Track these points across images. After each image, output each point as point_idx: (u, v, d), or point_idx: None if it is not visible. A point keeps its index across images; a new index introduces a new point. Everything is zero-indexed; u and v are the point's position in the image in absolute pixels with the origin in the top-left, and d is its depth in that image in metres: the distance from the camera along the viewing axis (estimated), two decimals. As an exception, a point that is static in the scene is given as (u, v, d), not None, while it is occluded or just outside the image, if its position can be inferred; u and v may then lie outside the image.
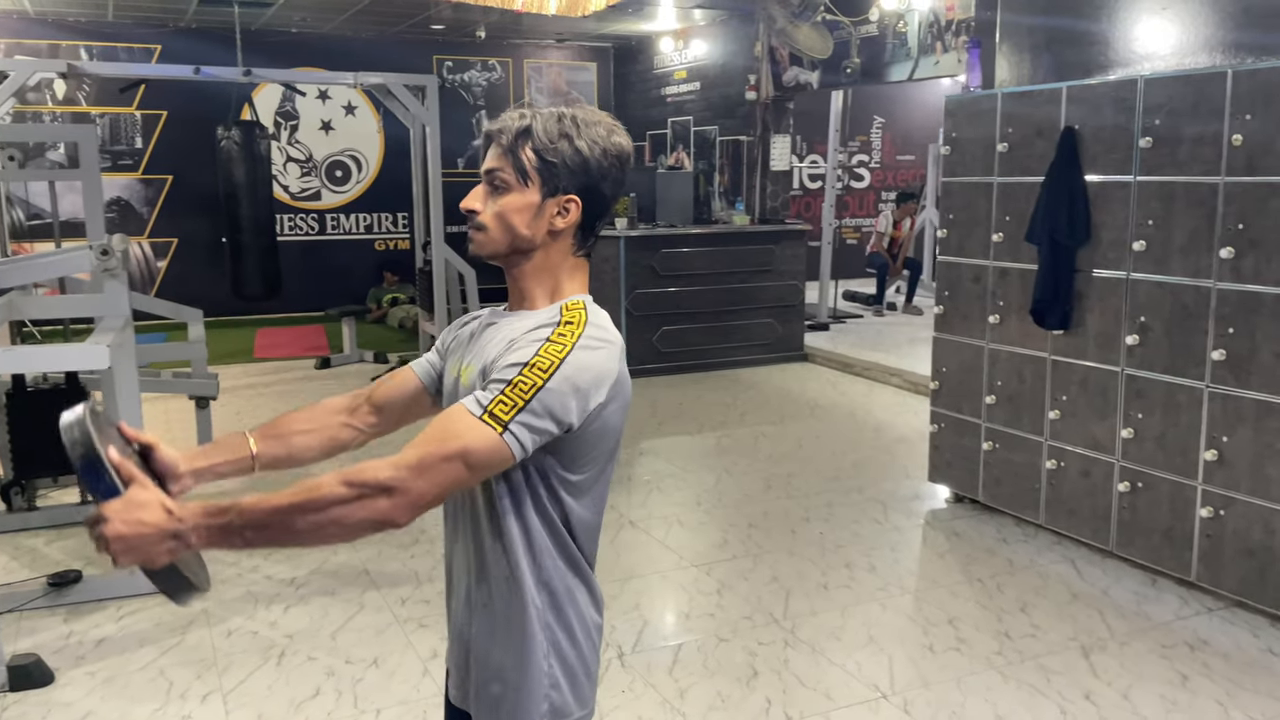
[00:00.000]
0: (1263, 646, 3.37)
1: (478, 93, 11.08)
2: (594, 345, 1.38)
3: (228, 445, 1.57)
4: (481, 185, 1.47)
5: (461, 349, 1.56)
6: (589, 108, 1.49)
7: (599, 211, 1.48)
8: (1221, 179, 3.50)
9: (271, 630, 3.56)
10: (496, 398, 1.31)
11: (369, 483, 1.26)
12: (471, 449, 1.30)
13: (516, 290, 1.50)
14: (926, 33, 6.81)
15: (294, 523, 1.27)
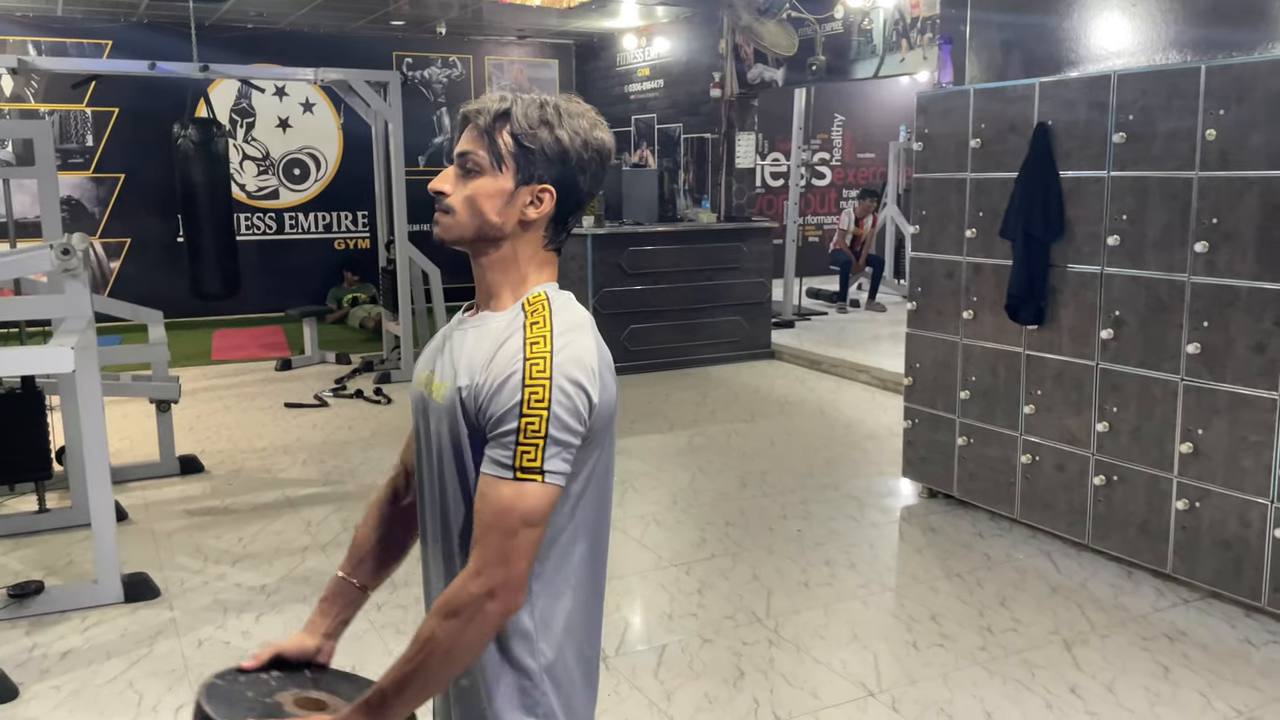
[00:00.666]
0: (1240, 637, 3.41)
1: (438, 89, 10.95)
2: (568, 338, 1.34)
3: (337, 595, 1.63)
4: (453, 168, 1.42)
5: (429, 358, 1.50)
6: (574, 98, 1.43)
7: (573, 205, 1.42)
8: (1195, 174, 3.53)
9: (244, 640, 3.46)
10: (517, 452, 1.29)
11: (468, 604, 1.30)
12: (528, 511, 1.30)
13: (483, 285, 1.45)
14: (892, 30, 6.84)
15: (435, 674, 1.33)
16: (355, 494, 5.01)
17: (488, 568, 1.30)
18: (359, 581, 1.63)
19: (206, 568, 4.08)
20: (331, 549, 4.27)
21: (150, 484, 5.12)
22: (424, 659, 1.31)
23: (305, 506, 4.82)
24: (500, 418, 1.31)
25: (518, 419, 1.29)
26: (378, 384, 7.40)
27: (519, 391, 1.30)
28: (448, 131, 11.01)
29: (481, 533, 1.31)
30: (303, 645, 1.56)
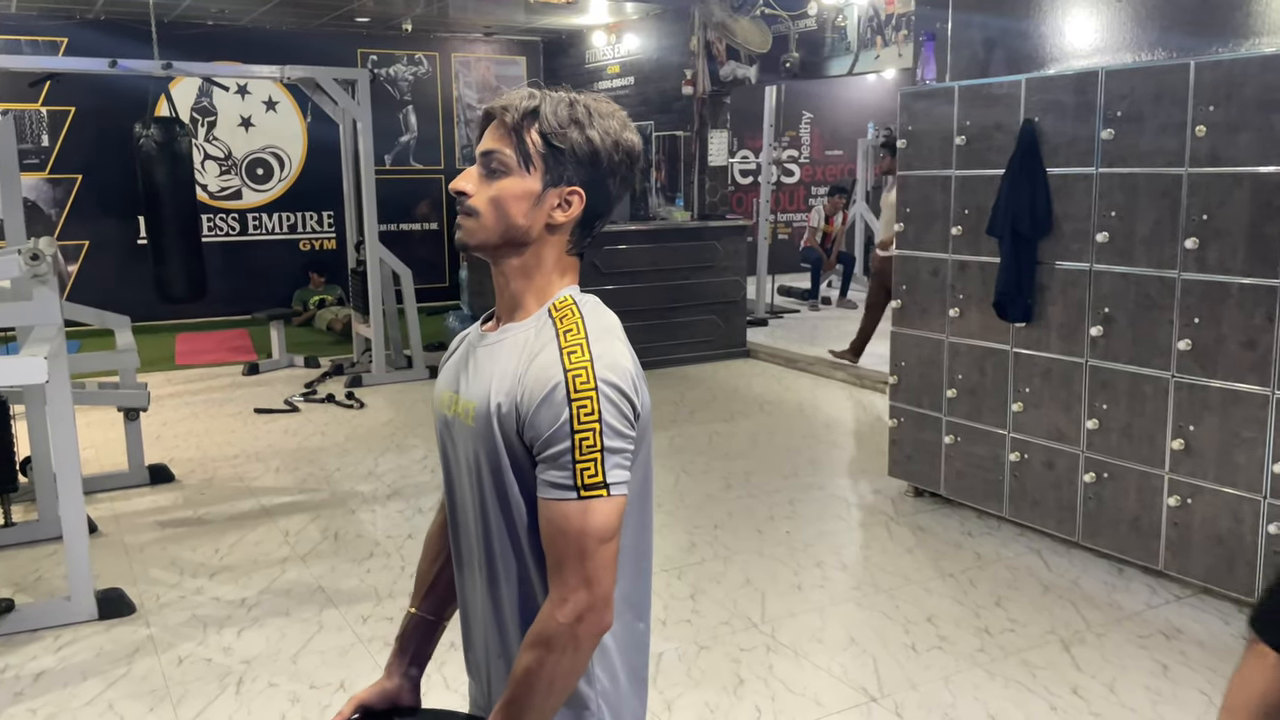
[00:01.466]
0: (1235, 633, 3.41)
1: (404, 87, 10.80)
2: (604, 344, 1.29)
3: (412, 632, 1.59)
4: (475, 167, 1.34)
5: (451, 377, 1.43)
6: (601, 97, 1.37)
7: (602, 209, 1.36)
8: (1185, 170, 3.53)
9: (226, 656, 3.35)
10: (576, 470, 1.24)
11: (558, 633, 1.25)
12: (601, 528, 1.24)
13: (505, 294, 1.38)
14: (866, 27, 6.82)
15: (539, 708, 1.28)
16: (332, 501, 4.89)
17: (572, 594, 1.24)
18: (430, 614, 1.58)
19: (183, 581, 3.96)
20: (312, 559, 4.16)
21: (119, 495, 4.97)
22: (526, 695, 1.27)
23: (282, 516, 4.70)
24: (550, 436, 1.25)
25: (570, 436, 1.23)
26: (349, 388, 7.27)
27: (566, 407, 1.24)
28: (414, 130, 10.87)
29: (557, 560, 1.26)
30: (384, 690, 1.53)
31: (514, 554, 1.35)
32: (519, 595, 1.36)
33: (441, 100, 10.94)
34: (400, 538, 4.39)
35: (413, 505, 4.82)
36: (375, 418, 6.55)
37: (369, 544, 4.33)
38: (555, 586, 1.26)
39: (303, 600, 3.78)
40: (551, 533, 1.26)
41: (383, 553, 4.23)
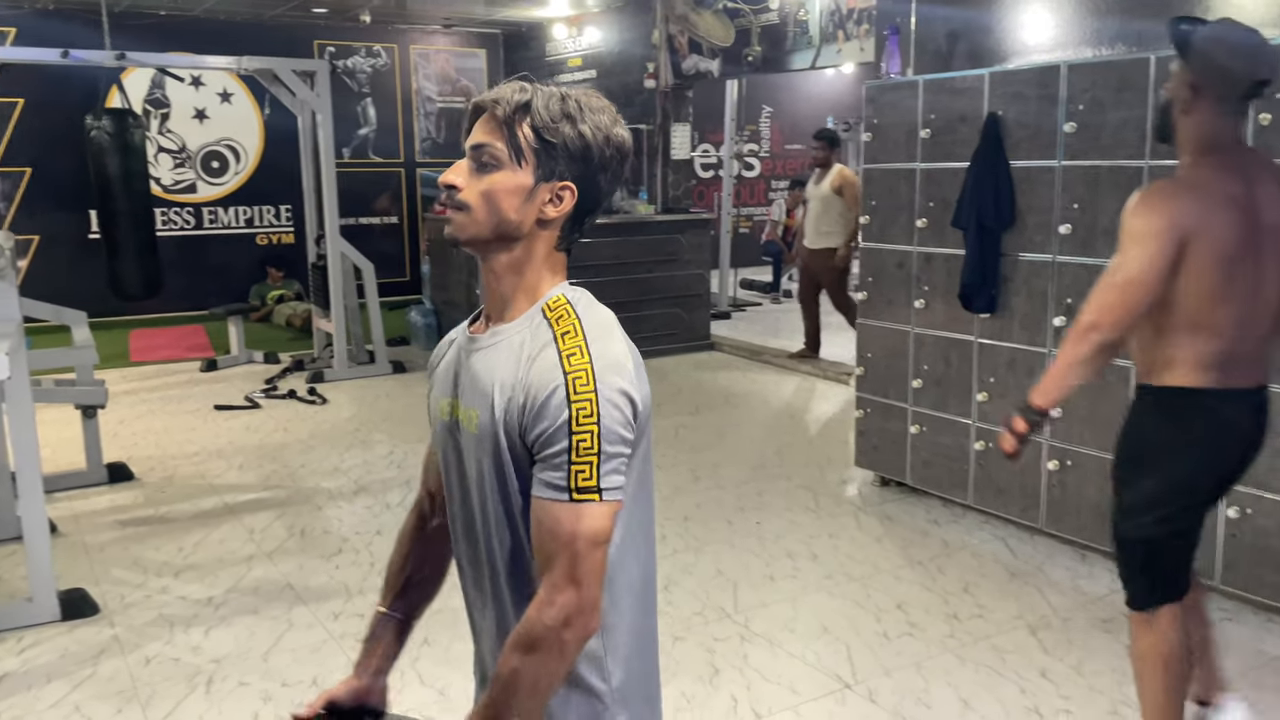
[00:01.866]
0: (1195, 614, 3.49)
1: (362, 79, 10.67)
2: (603, 344, 1.28)
3: (381, 631, 1.58)
4: (464, 161, 1.33)
5: (445, 383, 1.42)
6: (592, 92, 1.36)
7: (592, 205, 1.35)
8: (1146, 163, 3.60)
9: (194, 655, 3.30)
10: (571, 472, 1.23)
11: (544, 635, 1.25)
12: (592, 532, 1.24)
13: (495, 293, 1.37)
14: (828, 21, 6.86)
15: (523, 710, 1.27)
16: (298, 498, 4.83)
17: (559, 595, 1.24)
18: (401, 614, 1.57)
19: (147, 581, 3.89)
20: (278, 556, 4.11)
21: (77, 494, 4.87)
22: (507, 697, 1.26)
23: (246, 513, 4.64)
24: (549, 437, 1.24)
25: (568, 437, 1.23)
26: (311, 384, 7.18)
27: (565, 409, 1.23)
28: (373, 123, 10.75)
29: (546, 560, 1.25)
30: (354, 688, 1.51)
31: (520, 563, 1.34)
32: (525, 601, 1.33)
33: (400, 93, 10.83)
34: (368, 534, 4.35)
35: (380, 501, 4.78)
36: (338, 413, 6.49)
37: (336, 540, 4.29)
38: (543, 588, 1.25)
39: (271, 598, 3.74)
40: (542, 533, 1.26)
41: (351, 549, 4.19)
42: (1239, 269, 2.27)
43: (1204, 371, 2.31)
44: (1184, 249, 2.24)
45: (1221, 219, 2.26)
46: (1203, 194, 2.29)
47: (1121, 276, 2.31)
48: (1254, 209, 2.29)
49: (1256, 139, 3.60)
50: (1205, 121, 2.33)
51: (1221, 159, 2.33)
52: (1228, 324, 2.28)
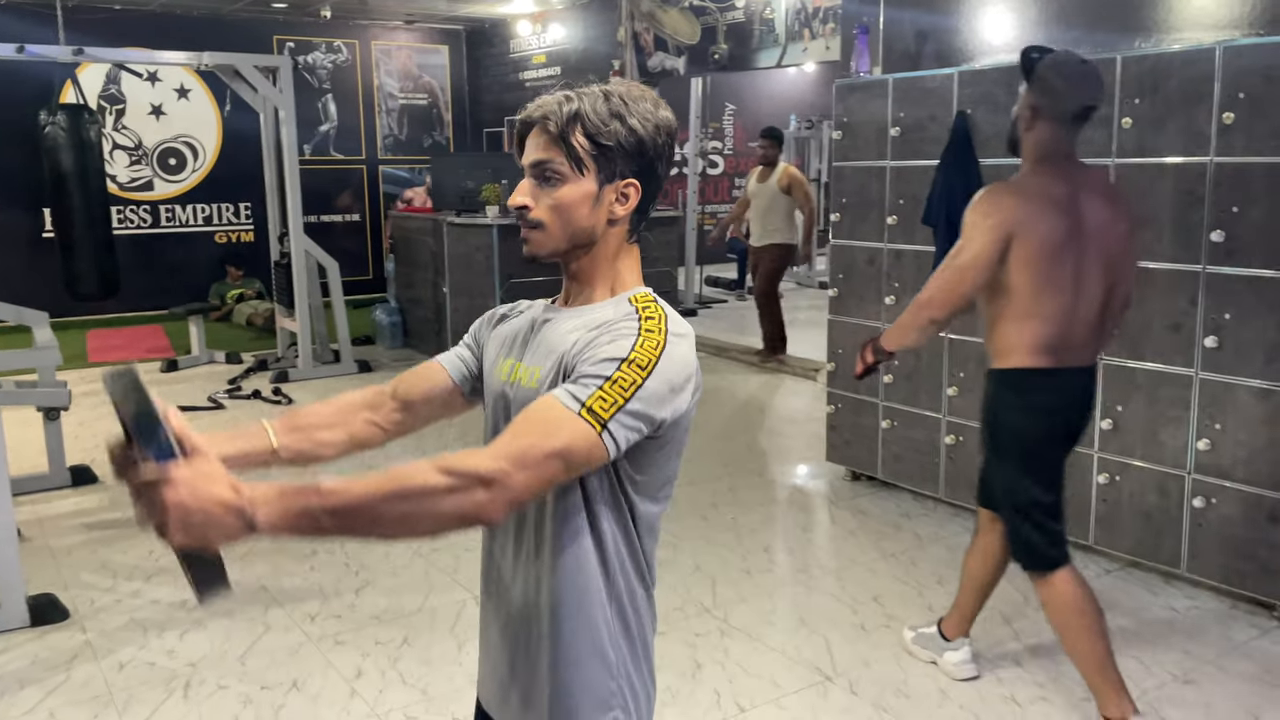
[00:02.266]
0: (1163, 604, 3.58)
1: (323, 75, 10.56)
2: (681, 338, 1.30)
3: (249, 435, 1.42)
4: (527, 180, 1.36)
5: (510, 346, 1.44)
6: (628, 82, 1.39)
7: (655, 192, 1.39)
8: (1112, 160, 3.67)
9: (170, 659, 3.25)
10: (595, 393, 1.21)
11: (468, 473, 1.15)
12: (572, 447, 1.20)
13: (575, 284, 1.40)
14: (794, 19, 6.91)
15: (383, 511, 1.15)
16: (268, 499, 4.77)
17: (506, 460, 1.17)
18: (277, 446, 1.42)
19: (117, 585, 3.83)
20: (252, 558, 4.06)
21: (40, 497, 4.78)
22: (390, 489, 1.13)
23: (216, 515, 4.57)
24: (596, 362, 1.24)
25: (615, 368, 1.23)
26: (276, 383, 7.10)
27: (629, 349, 1.24)
28: (334, 119, 10.64)
29: (520, 432, 1.20)
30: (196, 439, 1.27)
31: (566, 523, 1.33)
32: (565, 567, 1.34)
33: (362, 89, 10.74)
34: (342, 534, 4.31)
35: (352, 501, 4.73)
36: (305, 413, 6.41)
37: (309, 542, 4.25)
38: (497, 443, 1.20)
39: (245, 601, 3.69)
40: (531, 411, 1.23)
41: (325, 551, 4.15)
42: (1062, 264, 2.58)
43: (1038, 354, 2.63)
44: (1009, 243, 2.57)
45: (1045, 220, 2.58)
46: (1030, 197, 2.62)
47: (955, 262, 2.65)
48: (1078, 213, 2.61)
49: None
50: (1042, 137, 2.68)
51: (1053, 169, 2.66)
52: (1055, 313, 2.60)
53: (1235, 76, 3.29)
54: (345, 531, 1.16)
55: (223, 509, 1.08)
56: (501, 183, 7.46)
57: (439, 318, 7.81)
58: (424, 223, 7.99)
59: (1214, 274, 3.42)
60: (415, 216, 8.27)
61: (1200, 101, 3.39)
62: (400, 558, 4.08)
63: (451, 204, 7.77)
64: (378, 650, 3.31)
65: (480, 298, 7.45)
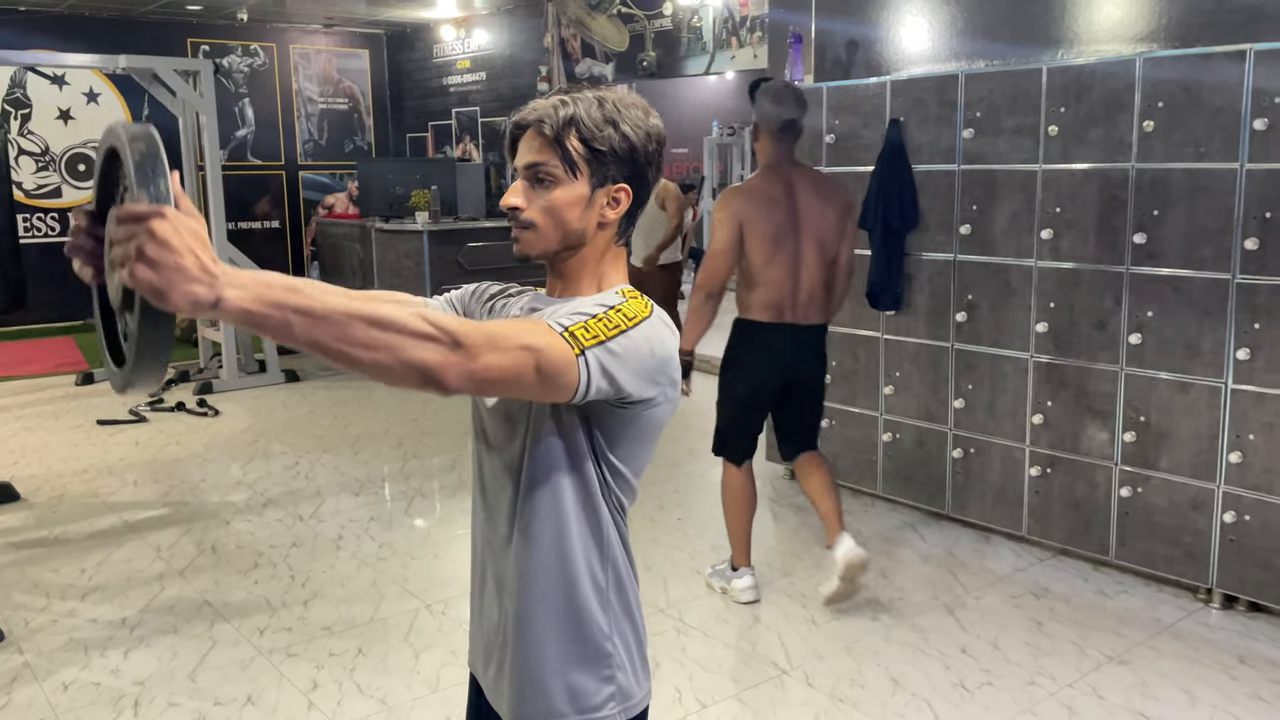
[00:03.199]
0: (1094, 589, 3.74)
1: (239, 79, 10.32)
2: (668, 328, 1.35)
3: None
4: (520, 181, 1.38)
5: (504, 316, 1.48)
6: (618, 90, 1.43)
7: (644, 198, 1.43)
8: (1040, 167, 3.84)
9: (115, 678, 3.16)
10: (578, 323, 1.25)
11: (444, 328, 1.14)
12: (548, 353, 1.20)
13: (562, 281, 1.43)
14: (722, 28, 7.02)
15: (353, 329, 1.09)
16: (203, 513, 4.67)
17: (481, 334, 1.17)
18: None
19: (51, 604, 3.70)
20: (191, 574, 3.97)
21: (-41, 517, 4.59)
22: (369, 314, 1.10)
23: (149, 531, 4.45)
24: (580, 309, 1.29)
25: (598, 309, 1.28)
26: (200, 395, 6.92)
27: (615, 301, 1.31)
28: (251, 124, 10.41)
29: (499, 324, 1.23)
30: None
31: (551, 501, 1.37)
32: (552, 555, 1.38)
33: (280, 93, 10.53)
34: (284, 547, 4.25)
35: (291, 513, 4.66)
36: (233, 425, 6.28)
37: (251, 555, 4.17)
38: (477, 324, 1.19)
39: (188, 616, 3.61)
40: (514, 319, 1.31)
41: (268, 563, 4.08)
42: (780, 246, 3.40)
43: (763, 311, 3.47)
44: (741, 231, 3.37)
45: (765, 213, 3.39)
46: (753, 196, 3.43)
47: (711, 250, 3.45)
48: (794, 206, 3.42)
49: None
50: (765, 148, 3.48)
51: (774, 173, 3.45)
52: (776, 281, 3.43)
53: (1154, 87, 3.48)
54: (307, 337, 1.09)
55: (199, 267, 1.02)
56: (431, 188, 7.41)
57: (368, 325, 7.70)
58: (350, 229, 7.88)
59: (1137, 274, 3.60)
60: (341, 223, 8.15)
61: (1122, 110, 3.57)
62: (346, 568, 4.03)
63: (379, 210, 7.68)
64: (332, 662, 3.27)
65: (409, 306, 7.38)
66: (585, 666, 1.41)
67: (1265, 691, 3.00)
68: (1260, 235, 3.26)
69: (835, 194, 3.52)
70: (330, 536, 4.37)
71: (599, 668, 1.41)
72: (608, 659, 1.42)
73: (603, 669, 1.41)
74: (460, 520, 4.50)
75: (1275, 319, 3.27)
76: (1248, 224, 3.29)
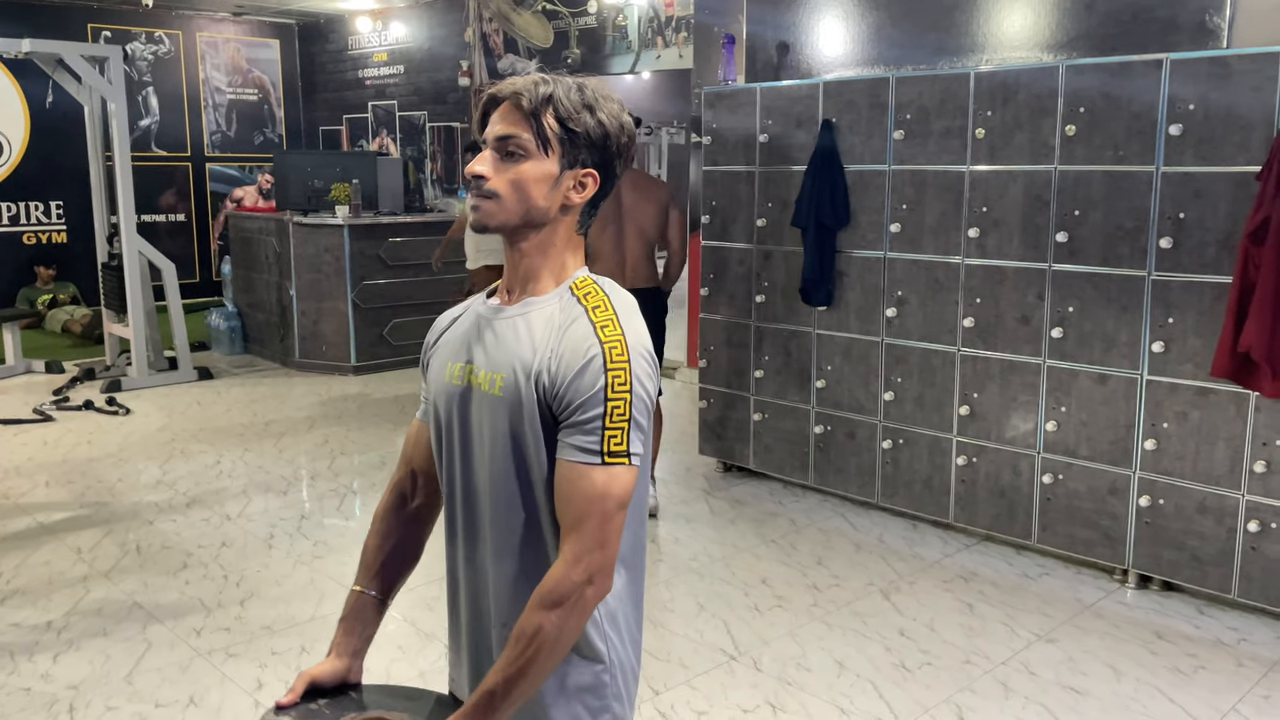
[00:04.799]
0: (1018, 572, 3.91)
1: (143, 68, 9.96)
2: (630, 310, 1.38)
3: (357, 613, 1.57)
4: (488, 151, 1.38)
5: (458, 348, 1.46)
6: (596, 81, 1.44)
7: (609, 189, 1.44)
8: (967, 168, 3.99)
9: (46, 683, 3.05)
10: (604, 436, 1.30)
11: (570, 592, 1.29)
12: (622, 495, 1.31)
13: (521, 271, 1.42)
14: (647, 27, 7.07)
15: (542, 668, 1.31)
16: (124, 514, 4.51)
17: (587, 554, 1.29)
18: (377, 593, 1.56)
19: (-32, 609, 3.54)
20: (117, 575, 3.84)
21: None
22: (534, 653, 1.29)
23: (68, 532, 4.29)
24: (583, 403, 1.31)
25: (603, 404, 1.30)
26: (109, 393, 6.67)
27: (601, 376, 1.30)
28: (155, 114, 10.06)
29: (575, 521, 1.30)
30: (335, 669, 1.50)
31: (531, 523, 1.39)
32: (534, 564, 1.39)
33: (186, 83, 10.20)
34: (213, 547, 4.14)
35: (217, 513, 4.54)
36: (147, 424, 6.07)
37: (179, 555, 4.05)
38: (570, 547, 1.30)
39: (118, 618, 3.50)
40: (571, 494, 1.31)
41: (198, 563, 3.97)
42: (608, 228, 4.25)
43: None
44: None
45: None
46: None
47: None
48: (619, 199, 4.27)
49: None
50: None
51: None
52: (607, 254, 4.24)
53: (1076, 93, 3.65)
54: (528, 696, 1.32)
55: None
56: (352, 182, 7.28)
57: (284, 322, 7.54)
58: (266, 223, 7.68)
59: (1059, 271, 3.78)
60: (256, 216, 7.94)
61: (1045, 115, 3.74)
62: (281, 567, 3.95)
63: (297, 204, 7.51)
64: (275, 660, 3.21)
65: (331, 300, 7.24)
66: (582, 697, 1.40)
67: (1183, 664, 3.19)
68: (1174, 234, 3.46)
69: (653, 190, 4.42)
70: (261, 536, 4.27)
71: (596, 697, 1.41)
72: (603, 689, 1.41)
73: (598, 698, 1.41)
74: (396, 517, 4.45)
75: (1188, 314, 3.47)
76: (1163, 224, 3.49)
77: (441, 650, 3.27)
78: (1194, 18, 3.71)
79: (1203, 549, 3.52)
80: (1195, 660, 3.22)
